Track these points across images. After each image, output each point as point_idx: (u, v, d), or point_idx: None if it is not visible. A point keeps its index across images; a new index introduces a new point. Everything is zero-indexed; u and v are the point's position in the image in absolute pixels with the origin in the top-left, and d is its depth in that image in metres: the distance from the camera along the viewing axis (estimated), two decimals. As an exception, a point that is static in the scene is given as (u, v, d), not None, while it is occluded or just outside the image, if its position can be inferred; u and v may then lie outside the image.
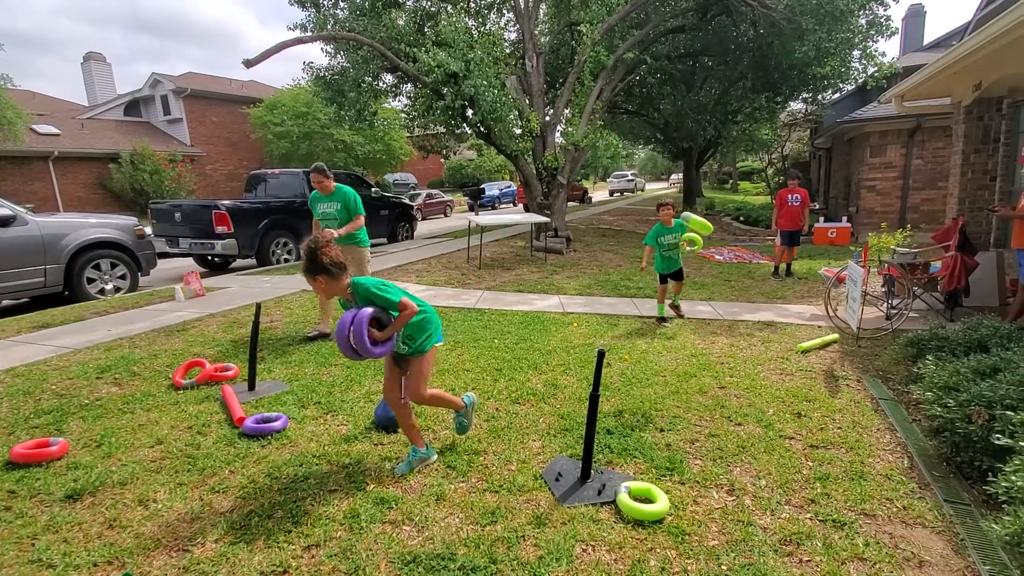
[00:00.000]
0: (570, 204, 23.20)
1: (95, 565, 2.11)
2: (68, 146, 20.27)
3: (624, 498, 2.40)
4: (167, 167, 21.22)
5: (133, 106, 25.80)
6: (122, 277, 7.59)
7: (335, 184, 5.09)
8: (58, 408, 3.54)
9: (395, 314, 2.48)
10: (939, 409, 2.80)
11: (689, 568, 2.06)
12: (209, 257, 10.03)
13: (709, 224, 5.43)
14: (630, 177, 41.38)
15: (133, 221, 7.93)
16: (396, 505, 2.46)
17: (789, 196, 7.87)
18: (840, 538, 2.23)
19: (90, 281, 7.23)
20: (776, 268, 8.04)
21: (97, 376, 4.11)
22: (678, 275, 5.56)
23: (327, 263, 2.41)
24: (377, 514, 2.39)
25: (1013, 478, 1.97)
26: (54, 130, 20.79)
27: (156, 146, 21.93)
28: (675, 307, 5.74)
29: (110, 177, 20.75)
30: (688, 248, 5.50)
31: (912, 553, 2.15)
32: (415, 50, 9.40)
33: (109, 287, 7.42)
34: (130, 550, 2.18)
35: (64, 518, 2.39)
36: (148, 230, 8.42)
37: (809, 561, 2.10)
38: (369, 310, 2.41)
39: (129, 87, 27.37)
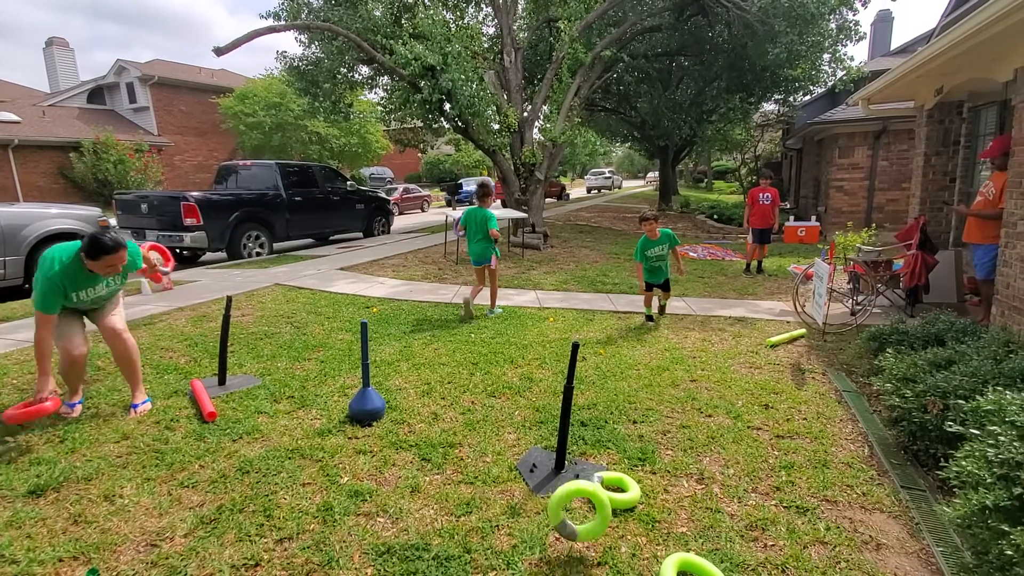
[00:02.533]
0: (548, 200, 23.28)
1: (60, 561, 2.06)
2: (28, 134, 19.47)
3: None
4: (132, 157, 20.54)
5: (97, 93, 24.89)
6: (86, 269, 7.34)
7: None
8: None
9: None
10: (897, 400, 2.92)
11: (659, 554, 2.11)
12: (177, 250, 9.76)
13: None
14: (607, 174, 41.66)
15: (97, 212, 7.68)
16: (370, 498, 2.45)
17: (760, 195, 8.05)
18: (803, 523, 2.31)
19: (52, 273, 6.98)
20: (748, 265, 8.22)
21: (59, 371, 3.97)
22: (665, 285, 5.46)
23: None
24: (351, 507, 2.38)
25: (964, 463, 2.07)
26: (13, 117, 19.94)
27: (121, 135, 21.20)
28: (660, 307, 5.66)
29: (72, 167, 20.00)
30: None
31: (870, 537, 2.24)
32: (392, 42, 9.30)
33: (72, 280, 7.18)
34: (96, 545, 2.13)
35: (27, 514, 2.32)
36: (113, 221, 8.16)
37: (773, 546, 2.18)
38: None
39: (92, 75, 26.35)
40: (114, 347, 3.35)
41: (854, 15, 12.16)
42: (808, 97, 16.14)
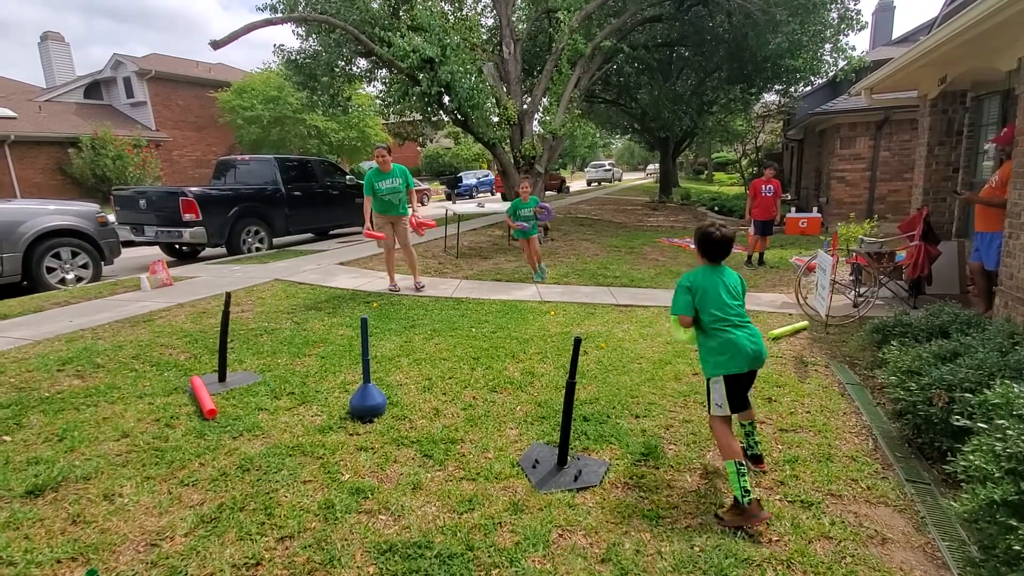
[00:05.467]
0: (548, 193, 23.19)
1: (58, 562, 2.04)
2: (25, 130, 19.36)
3: None
4: (131, 152, 20.44)
5: (94, 88, 24.73)
6: (84, 266, 7.31)
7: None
8: (17, 401, 3.40)
9: None
10: (902, 392, 2.90)
11: (663, 550, 2.09)
12: (177, 246, 9.74)
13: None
14: (607, 167, 41.49)
15: (95, 208, 7.63)
16: (372, 495, 2.44)
17: (763, 186, 7.97)
18: (808, 518, 2.29)
19: (50, 271, 6.95)
20: (749, 257, 8.18)
21: (58, 368, 3.96)
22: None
23: None
24: (352, 504, 2.37)
25: (971, 457, 2.05)
26: (9, 113, 19.82)
27: (119, 130, 21.08)
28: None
29: (70, 162, 19.90)
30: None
31: (875, 531, 2.23)
32: (389, 34, 9.20)
33: (70, 277, 7.15)
34: (95, 546, 2.12)
35: (25, 514, 2.31)
36: (111, 218, 8.12)
37: (778, 541, 2.16)
38: None
39: (88, 71, 26.09)
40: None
41: (855, 4, 12.13)
42: (809, 88, 16.02)
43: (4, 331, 4.94)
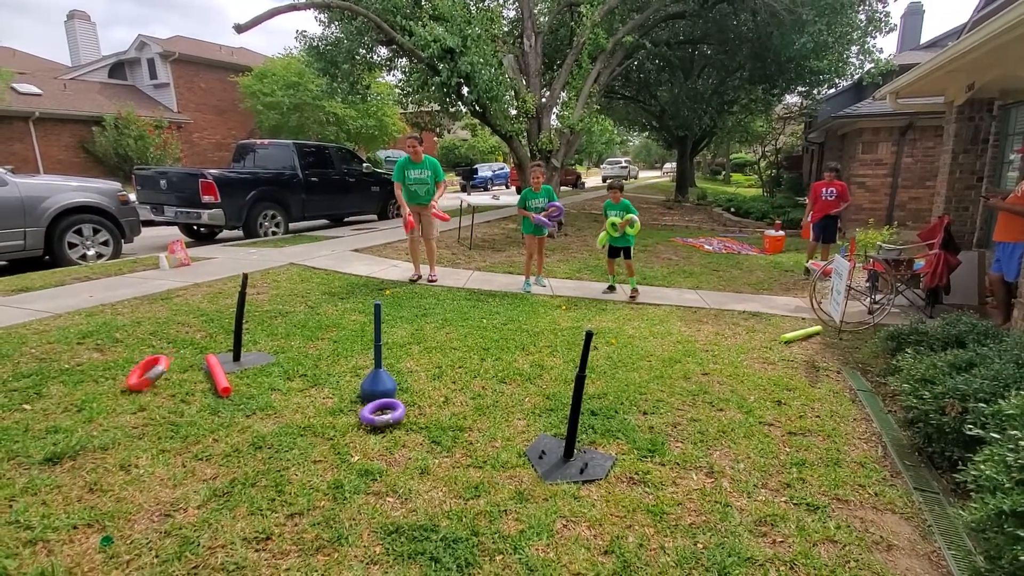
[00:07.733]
0: (563, 189, 23.10)
1: (74, 528, 2.10)
2: (50, 107, 19.65)
3: None
4: (152, 133, 20.69)
5: (118, 68, 25.00)
6: (105, 243, 7.44)
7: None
8: (38, 372, 3.49)
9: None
10: (915, 400, 2.87)
11: (666, 545, 2.11)
12: (195, 227, 9.87)
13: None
14: (623, 164, 41.26)
15: (117, 186, 7.75)
16: (380, 477, 2.48)
17: (824, 190, 7.45)
18: (813, 521, 2.29)
19: (71, 246, 7.08)
20: (807, 270, 7.73)
21: (78, 341, 4.05)
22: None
23: None
24: (361, 485, 2.41)
25: (983, 467, 2.03)
26: (35, 90, 20.13)
27: (141, 111, 21.33)
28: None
29: (93, 141, 20.20)
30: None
31: (881, 537, 2.22)
32: (411, 23, 9.19)
33: (91, 253, 7.29)
34: (111, 514, 2.18)
35: (43, 481, 2.37)
36: (132, 196, 8.25)
37: (782, 542, 2.16)
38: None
39: (111, 51, 26.43)
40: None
41: (884, 7, 11.83)
42: (833, 90, 15.76)
43: (26, 303, 5.06)
